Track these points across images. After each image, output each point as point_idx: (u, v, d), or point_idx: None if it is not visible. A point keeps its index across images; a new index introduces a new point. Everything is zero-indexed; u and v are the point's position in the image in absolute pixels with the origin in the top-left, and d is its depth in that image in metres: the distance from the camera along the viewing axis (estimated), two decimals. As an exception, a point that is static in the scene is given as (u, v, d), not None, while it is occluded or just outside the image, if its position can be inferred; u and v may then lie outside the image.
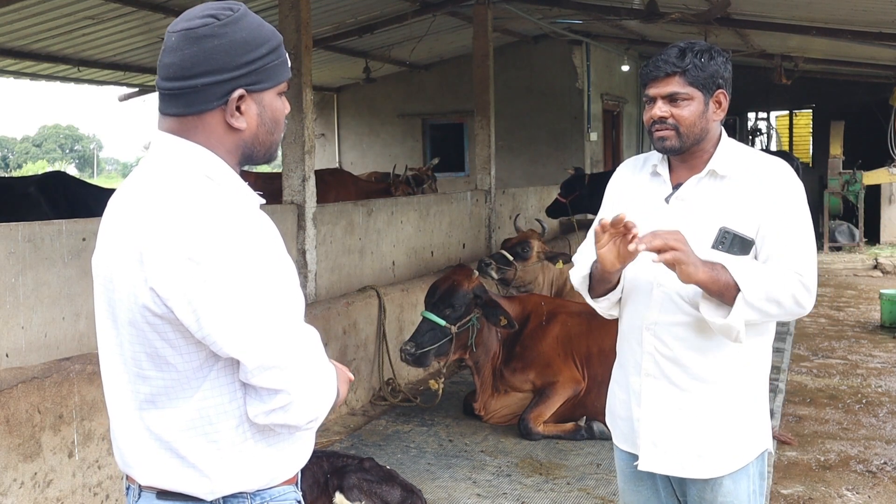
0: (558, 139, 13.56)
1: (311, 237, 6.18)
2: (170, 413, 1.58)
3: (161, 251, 1.50)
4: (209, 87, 1.55)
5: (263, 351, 1.51)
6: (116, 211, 1.63)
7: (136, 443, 1.63)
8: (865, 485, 4.52)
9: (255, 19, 1.60)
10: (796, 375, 6.72)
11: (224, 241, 1.49)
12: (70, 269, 4.31)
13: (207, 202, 1.52)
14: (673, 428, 2.31)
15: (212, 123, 1.59)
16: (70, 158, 74.60)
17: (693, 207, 2.27)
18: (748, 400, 2.30)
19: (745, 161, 2.28)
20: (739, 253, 2.19)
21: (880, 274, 12.17)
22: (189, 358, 1.55)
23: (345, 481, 3.75)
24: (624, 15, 9.98)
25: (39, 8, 7.76)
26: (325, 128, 15.16)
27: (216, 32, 1.55)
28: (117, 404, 1.66)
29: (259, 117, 1.62)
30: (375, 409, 5.99)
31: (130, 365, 1.60)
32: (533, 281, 6.47)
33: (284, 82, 1.66)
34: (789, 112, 18.99)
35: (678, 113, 2.24)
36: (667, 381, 2.31)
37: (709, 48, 2.26)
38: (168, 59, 1.57)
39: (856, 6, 7.76)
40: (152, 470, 1.62)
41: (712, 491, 2.31)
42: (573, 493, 4.35)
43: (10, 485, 3.37)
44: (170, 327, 1.53)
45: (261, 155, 1.67)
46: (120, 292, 1.58)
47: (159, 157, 1.61)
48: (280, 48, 1.64)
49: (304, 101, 6.00)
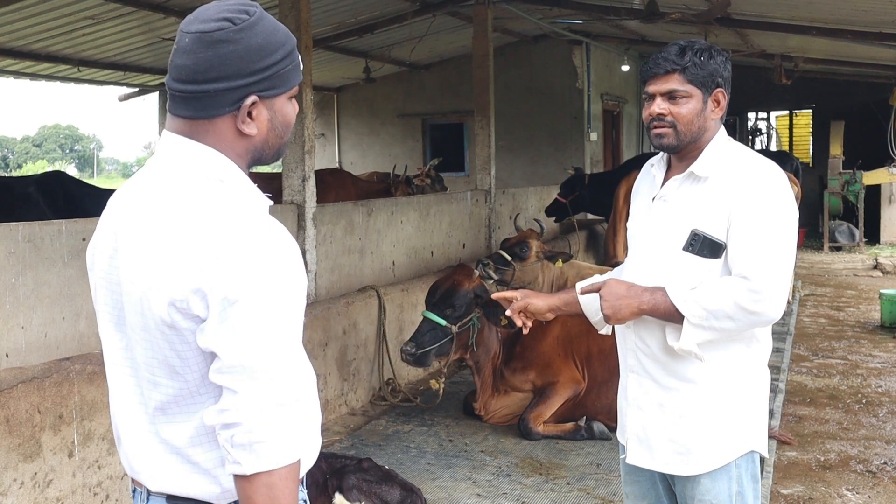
0: (558, 139, 13.56)
1: (311, 237, 6.18)
2: (180, 421, 1.56)
3: (180, 258, 1.46)
4: (222, 93, 1.52)
5: (252, 354, 1.44)
6: (124, 210, 1.60)
7: (144, 449, 1.61)
8: (865, 485, 4.52)
9: (270, 23, 1.56)
10: (796, 375, 6.72)
11: (247, 253, 1.45)
12: (70, 269, 4.31)
13: (224, 206, 1.50)
14: (654, 424, 2.36)
15: (222, 128, 1.56)
16: (70, 158, 74.60)
17: (671, 208, 2.30)
18: (730, 400, 2.31)
19: (729, 163, 2.27)
20: (709, 256, 2.21)
21: (880, 274, 12.17)
22: (195, 369, 1.52)
23: (344, 482, 3.75)
24: (624, 15, 9.97)
25: (39, 8, 7.76)
26: (325, 128, 15.16)
27: (231, 38, 1.51)
28: (125, 410, 1.63)
29: (270, 122, 1.60)
30: (375, 409, 5.99)
31: (143, 370, 1.57)
32: (533, 281, 6.46)
33: (296, 87, 1.63)
34: (789, 112, 18.98)
35: (676, 110, 2.25)
36: (649, 378, 2.36)
37: (709, 47, 2.27)
38: (181, 60, 1.53)
39: (856, 6, 7.75)
40: (161, 476, 1.59)
41: (692, 488, 2.34)
42: (573, 493, 4.35)
43: (10, 485, 3.37)
44: (178, 338, 1.50)
45: (269, 157, 1.66)
46: (131, 295, 1.55)
47: (169, 158, 1.58)
48: (294, 52, 1.60)
49: (304, 101, 6.00)
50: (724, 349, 2.27)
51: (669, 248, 2.27)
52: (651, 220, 2.34)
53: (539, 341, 5.32)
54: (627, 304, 2.22)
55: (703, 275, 2.23)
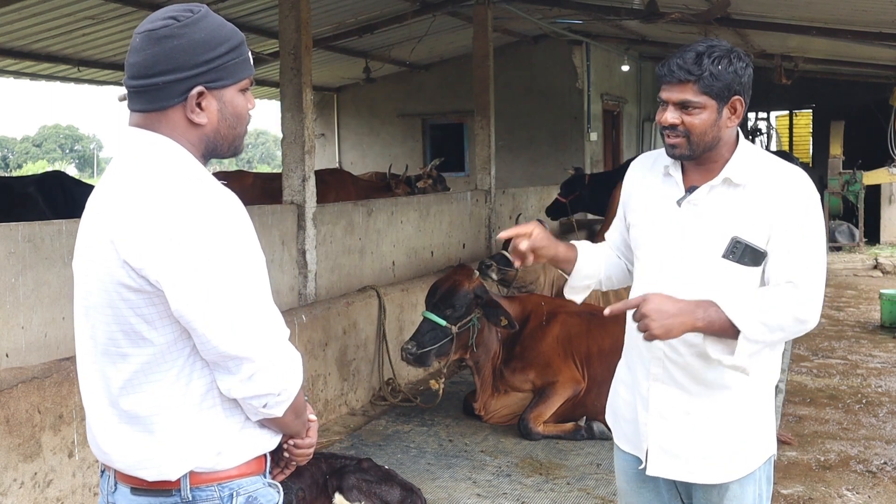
0: (558, 139, 13.55)
1: (311, 237, 6.18)
2: (147, 390, 1.66)
3: (130, 226, 1.58)
4: (170, 85, 1.65)
5: (229, 321, 1.59)
6: (92, 208, 1.71)
7: (109, 429, 1.71)
8: (865, 485, 4.52)
9: (215, 20, 1.69)
10: (796, 375, 6.72)
11: (191, 214, 1.57)
12: (70, 268, 4.26)
13: (172, 179, 1.62)
14: (681, 433, 2.28)
15: (174, 119, 1.68)
16: (70, 158, 74.56)
17: (704, 214, 2.22)
18: (757, 405, 2.28)
19: (761, 169, 2.22)
20: (750, 264, 2.16)
21: (880, 274, 12.17)
22: (164, 332, 1.63)
23: (344, 482, 3.75)
24: (624, 15, 9.97)
25: (39, 8, 7.76)
26: (325, 128, 15.15)
27: (175, 33, 1.63)
28: (93, 393, 1.74)
29: (220, 112, 1.71)
30: (375, 409, 5.99)
31: (109, 346, 1.68)
32: (534, 281, 6.46)
33: (247, 79, 1.75)
34: (789, 112, 18.99)
35: (689, 121, 2.17)
36: (675, 386, 2.27)
37: (728, 53, 2.17)
38: (132, 58, 1.67)
39: (856, 6, 7.75)
40: (123, 451, 1.69)
41: (718, 495, 2.29)
42: (573, 493, 4.35)
43: (10, 485, 3.37)
44: (144, 302, 1.61)
45: (224, 148, 1.76)
46: (93, 278, 1.67)
47: (127, 150, 1.70)
48: (241, 47, 1.72)
49: (304, 101, 6.00)
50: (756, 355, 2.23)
51: (705, 255, 2.18)
52: (680, 226, 2.24)
53: (539, 341, 5.32)
54: (681, 322, 2.07)
55: (742, 283, 2.17)
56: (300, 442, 1.85)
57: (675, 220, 2.26)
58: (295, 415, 1.76)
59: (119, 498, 1.74)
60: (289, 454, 1.87)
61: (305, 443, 1.86)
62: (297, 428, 1.81)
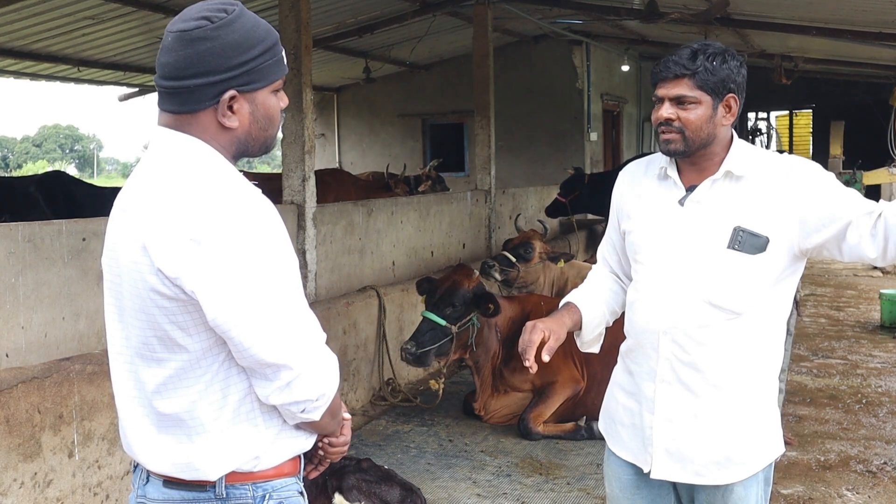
0: (558, 139, 13.55)
1: (311, 237, 6.18)
2: (181, 394, 1.64)
3: (163, 233, 1.55)
4: (201, 88, 1.61)
5: (266, 330, 1.57)
6: (122, 208, 1.67)
7: (142, 431, 1.69)
8: (865, 485, 4.53)
9: (249, 20, 1.63)
10: (796, 375, 6.72)
11: (225, 221, 1.54)
12: (70, 268, 4.31)
13: (205, 185, 1.58)
14: (688, 435, 2.27)
15: (205, 121, 1.65)
16: (70, 158, 74.61)
17: (709, 209, 2.22)
18: (762, 405, 2.28)
19: (760, 161, 2.24)
20: (753, 252, 2.16)
21: (880, 274, 12.17)
22: (199, 339, 1.61)
23: (343, 482, 3.75)
24: (624, 15, 9.98)
25: (39, 8, 7.76)
26: (325, 128, 15.15)
27: (209, 35, 1.59)
28: (126, 394, 1.71)
29: (251, 115, 1.67)
30: (375, 409, 5.99)
31: (143, 350, 1.65)
32: (535, 281, 6.46)
33: (280, 80, 1.70)
34: (789, 112, 19.01)
35: (685, 116, 2.19)
36: (682, 388, 2.26)
37: (722, 51, 2.20)
38: (164, 58, 1.62)
39: (856, 6, 7.75)
40: (160, 458, 1.68)
41: (723, 497, 2.28)
42: (573, 493, 4.35)
43: (10, 485, 3.37)
44: (178, 310, 1.58)
45: (255, 149, 1.73)
46: (127, 282, 1.63)
47: (158, 150, 1.66)
48: (275, 47, 1.67)
49: (304, 101, 6.00)
50: (761, 352, 2.25)
51: (711, 248, 2.18)
52: (684, 224, 2.24)
53: (539, 341, 5.31)
54: None
55: (750, 272, 2.17)
56: (335, 440, 1.85)
57: (679, 219, 2.26)
58: (331, 416, 1.75)
59: (150, 490, 1.72)
60: (323, 452, 1.86)
61: (340, 441, 1.85)
62: (332, 428, 1.81)
